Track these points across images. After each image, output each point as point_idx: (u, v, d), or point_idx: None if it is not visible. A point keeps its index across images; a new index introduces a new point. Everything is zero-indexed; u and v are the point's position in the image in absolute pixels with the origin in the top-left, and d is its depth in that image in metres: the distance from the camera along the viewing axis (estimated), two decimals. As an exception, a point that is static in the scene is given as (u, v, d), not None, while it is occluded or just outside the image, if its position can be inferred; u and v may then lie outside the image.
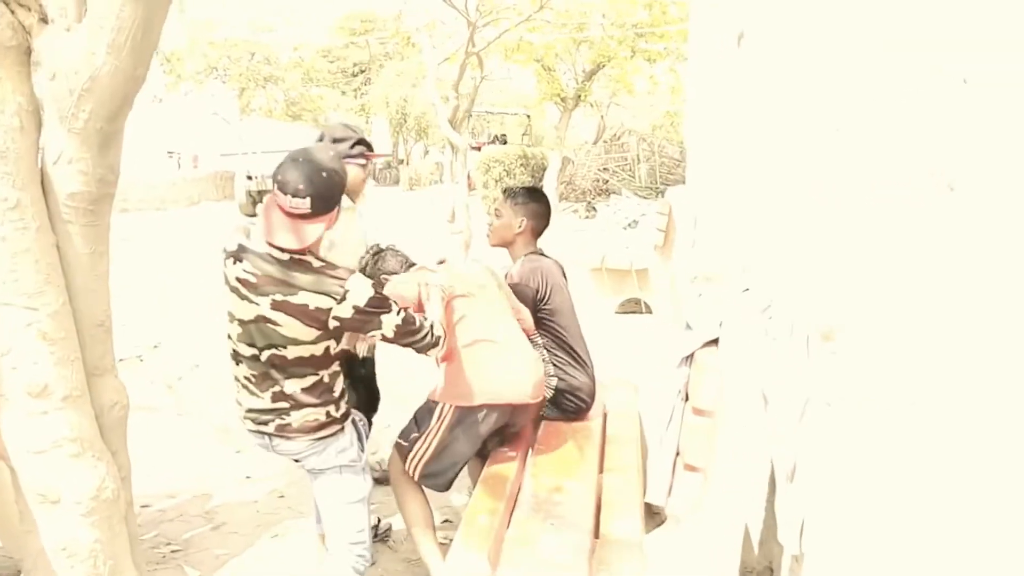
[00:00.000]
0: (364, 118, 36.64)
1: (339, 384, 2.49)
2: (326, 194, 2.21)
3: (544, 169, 18.50)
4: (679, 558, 2.19)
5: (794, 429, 2.01)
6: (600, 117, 22.17)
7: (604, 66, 17.29)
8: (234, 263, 2.35)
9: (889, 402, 1.82)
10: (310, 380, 2.38)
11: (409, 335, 2.40)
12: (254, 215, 11.88)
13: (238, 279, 2.33)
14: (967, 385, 1.68)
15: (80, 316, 2.58)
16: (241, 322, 2.35)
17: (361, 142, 3.28)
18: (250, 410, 2.47)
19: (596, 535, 2.28)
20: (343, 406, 2.50)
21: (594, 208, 16.92)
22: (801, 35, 2.34)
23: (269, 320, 2.27)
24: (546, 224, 3.32)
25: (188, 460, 4.19)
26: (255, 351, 2.36)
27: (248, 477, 3.96)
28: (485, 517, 2.36)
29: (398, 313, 2.35)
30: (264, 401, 2.42)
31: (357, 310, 2.25)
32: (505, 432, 2.94)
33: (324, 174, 2.21)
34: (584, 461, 2.82)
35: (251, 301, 2.29)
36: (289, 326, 2.27)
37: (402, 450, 2.85)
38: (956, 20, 1.66)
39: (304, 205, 2.17)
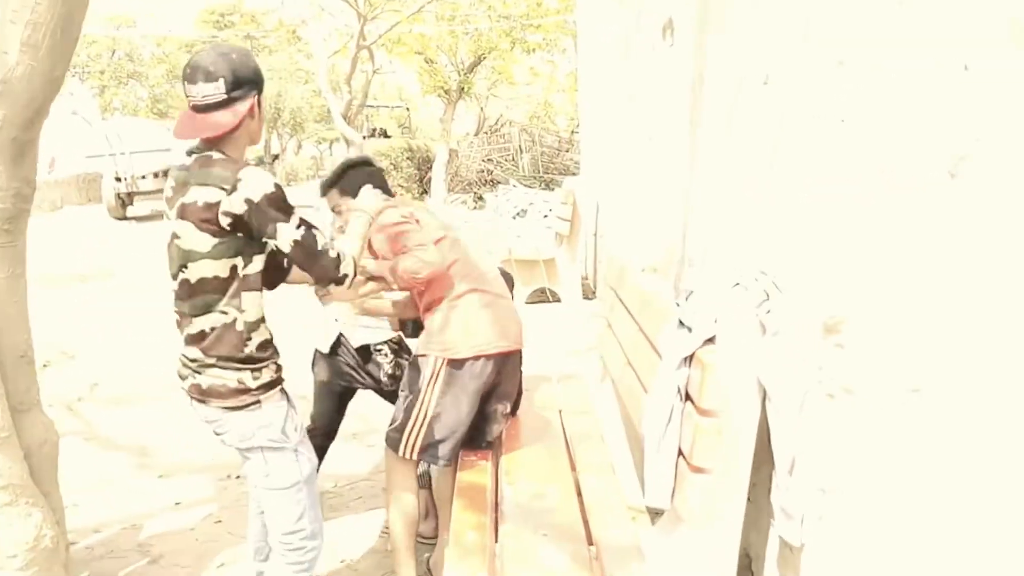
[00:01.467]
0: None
1: (257, 345, 2.16)
2: (240, 73, 2.02)
3: (429, 161, 18.32)
4: (679, 558, 2.17)
5: (795, 422, 2.01)
6: (480, 109, 22.17)
7: (485, 58, 17.28)
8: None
9: (893, 393, 1.85)
10: (218, 319, 2.10)
11: (310, 257, 2.09)
12: (124, 218, 11.31)
13: (165, 199, 2.16)
14: (972, 375, 1.72)
15: (0, 347, 2.33)
16: (167, 250, 2.15)
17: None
18: (180, 359, 2.25)
19: (589, 541, 2.22)
20: (264, 376, 2.17)
21: (482, 199, 16.91)
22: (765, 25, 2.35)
23: (175, 234, 2.08)
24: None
25: (107, 489, 3.86)
26: (173, 283, 2.15)
27: (177, 503, 3.69)
28: (473, 534, 2.26)
29: (299, 227, 2.06)
30: (183, 348, 2.19)
31: (250, 205, 1.98)
32: (497, 392, 2.82)
33: (234, 55, 2.05)
34: (555, 462, 2.77)
35: (168, 218, 2.12)
36: (186, 235, 2.04)
37: (393, 435, 2.69)
38: (956, 6, 1.69)
39: (217, 89, 1.99)
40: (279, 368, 2.27)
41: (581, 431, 3.03)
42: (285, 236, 2.04)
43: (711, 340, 2.09)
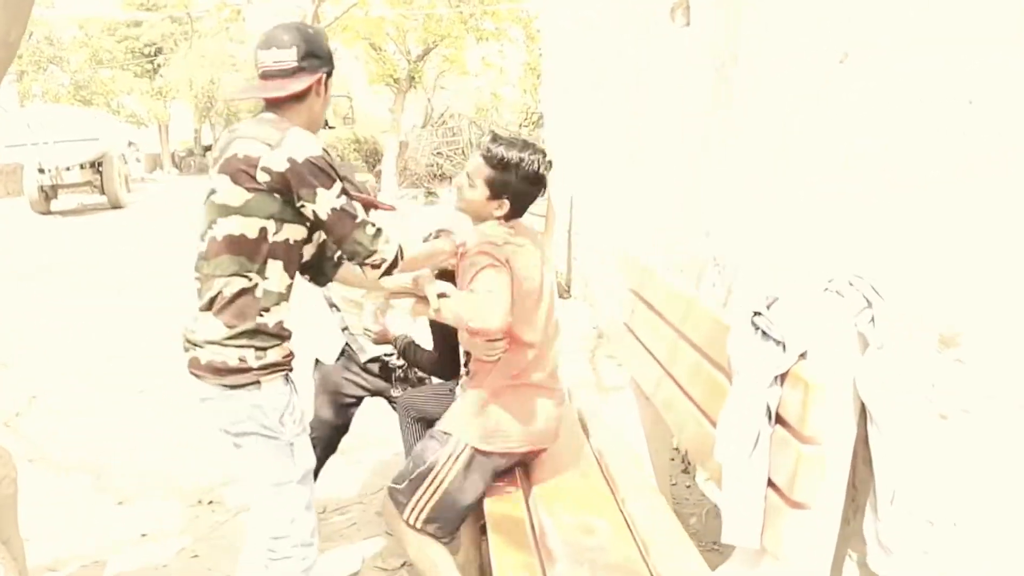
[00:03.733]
0: (162, 102, 33.87)
1: (273, 323, 2.03)
2: (312, 47, 2.05)
3: (377, 153, 17.79)
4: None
5: (903, 446, 1.77)
6: (428, 100, 21.68)
7: (436, 45, 16.80)
8: None
9: (1016, 413, 1.63)
10: (237, 282, 1.98)
11: (346, 227, 1.98)
12: (48, 212, 10.69)
13: (211, 161, 2.12)
14: None
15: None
16: (203, 207, 2.06)
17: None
18: (184, 330, 2.12)
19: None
20: (270, 357, 2.03)
21: (434, 193, 16.48)
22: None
23: (212, 191, 2.02)
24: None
25: (60, 519, 3.42)
26: (200, 244, 2.06)
27: (144, 535, 3.28)
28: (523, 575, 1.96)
29: (340, 195, 1.97)
30: (195, 317, 2.07)
31: (292, 163, 1.91)
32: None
33: (310, 30, 2.10)
34: (592, 485, 2.49)
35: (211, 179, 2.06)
36: (221, 189, 1.98)
37: (399, 496, 2.38)
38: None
39: (288, 56, 2.01)
40: (289, 354, 2.11)
41: (609, 447, 2.75)
42: (324, 202, 1.95)
43: (803, 355, 1.83)
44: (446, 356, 2.85)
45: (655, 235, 3.88)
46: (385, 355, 3.07)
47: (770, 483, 1.86)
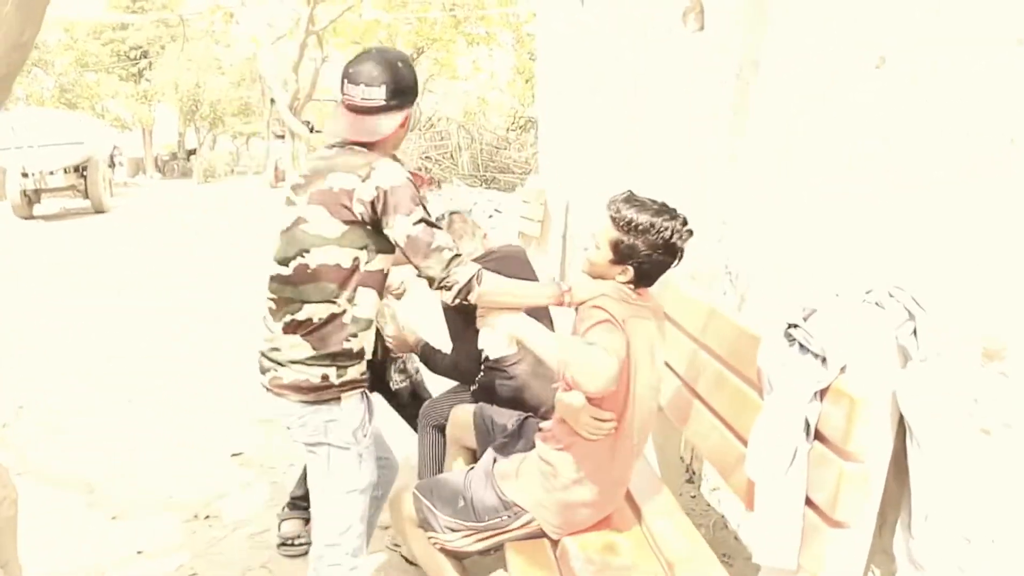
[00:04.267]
0: (147, 106, 33.61)
1: (356, 344, 2.11)
2: (402, 84, 2.08)
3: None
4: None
5: (940, 462, 1.71)
6: (416, 103, 21.58)
7: (426, 49, 16.72)
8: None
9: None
10: (327, 309, 2.05)
11: (419, 253, 2.01)
12: (30, 217, 10.49)
13: (292, 187, 2.17)
14: None
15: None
16: (281, 235, 2.13)
17: None
18: (261, 353, 2.19)
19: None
20: (350, 374, 2.12)
21: (424, 198, 16.29)
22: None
23: (302, 219, 2.07)
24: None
25: (53, 535, 3.30)
26: (283, 268, 2.10)
27: (140, 552, 3.17)
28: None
29: (418, 223, 2.00)
30: (272, 338, 2.14)
31: (379, 191, 1.99)
32: None
33: (400, 64, 2.11)
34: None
35: (293, 204, 2.12)
36: (316, 219, 2.04)
37: (430, 519, 2.29)
38: None
39: (378, 95, 2.05)
40: (366, 371, 2.20)
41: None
42: (401, 228, 2.00)
43: (843, 368, 1.76)
44: (463, 360, 2.80)
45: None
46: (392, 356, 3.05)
47: (808, 501, 1.79)
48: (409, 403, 3.22)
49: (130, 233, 13.99)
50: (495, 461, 2.38)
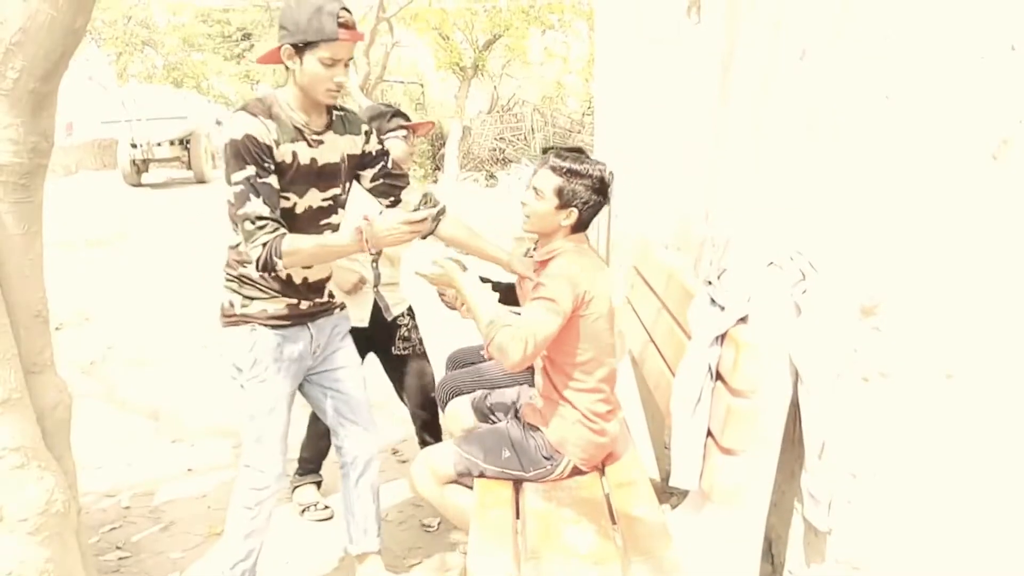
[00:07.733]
0: (249, 84, 35.03)
1: (251, 270, 2.21)
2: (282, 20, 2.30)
3: (441, 138, 18.20)
4: (705, 538, 2.11)
5: (827, 405, 1.95)
6: (494, 87, 21.97)
7: (501, 36, 17.08)
8: None
9: (928, 378, 1.79)
10: (235, 239, 2.25)
11: (232, 220, 2.20)
12: (139, 184, 11.21)
13: None
14: (1007, 363, 1.65)
15: (14, 306, 2.27)
16: None
17: (398, 114, 3.19)
18: None
19: (612, 520, 2.18)
20: (251, 307, 2.29)
21: (494, 177, 16.77)
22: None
23: None
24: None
25: (120, 453, 3.85)
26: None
27: (190, 469, 3.67)
28: (496, 511, 2.21)
29: (238, 184, 2.13)
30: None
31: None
32: None
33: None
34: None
35: None
36: None
37: (470, 472, 2.44)
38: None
39: None
40: (273, 316, 2.31)
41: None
42: (228, 189, 2.16)
43: (743, 319, 2.02)
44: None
45: (655, 217, 4.04)
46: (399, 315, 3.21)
47: (709, 432, 2.07)
48: (408, 373, 3.27)
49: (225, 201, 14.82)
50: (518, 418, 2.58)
